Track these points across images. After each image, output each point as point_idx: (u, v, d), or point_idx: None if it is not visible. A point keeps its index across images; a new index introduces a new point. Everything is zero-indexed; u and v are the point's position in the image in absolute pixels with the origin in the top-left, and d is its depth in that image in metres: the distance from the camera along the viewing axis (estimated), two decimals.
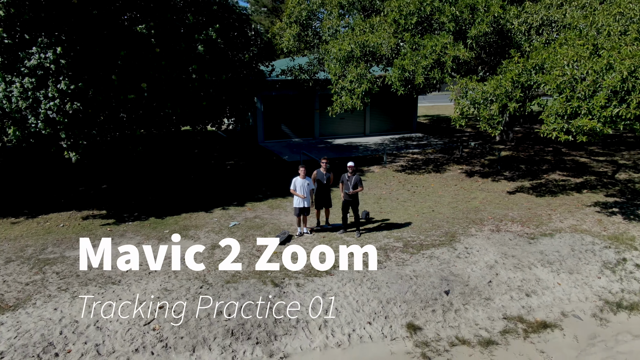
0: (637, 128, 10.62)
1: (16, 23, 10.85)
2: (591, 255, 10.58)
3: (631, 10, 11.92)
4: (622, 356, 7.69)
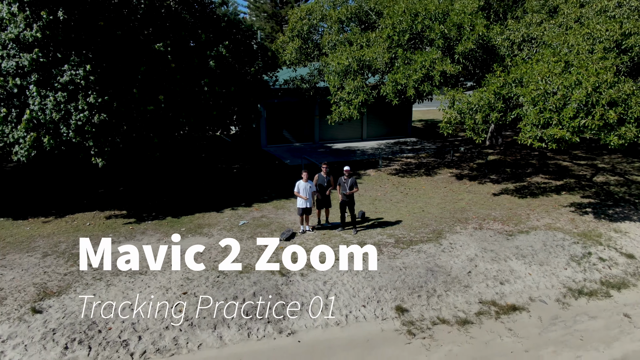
0: (602, 137, 12.02)
1: (50, 44, 12.18)
2: (560, 250, 11.94)
3: (598, 31, 13.29)
4: (578, 333, 9.04)
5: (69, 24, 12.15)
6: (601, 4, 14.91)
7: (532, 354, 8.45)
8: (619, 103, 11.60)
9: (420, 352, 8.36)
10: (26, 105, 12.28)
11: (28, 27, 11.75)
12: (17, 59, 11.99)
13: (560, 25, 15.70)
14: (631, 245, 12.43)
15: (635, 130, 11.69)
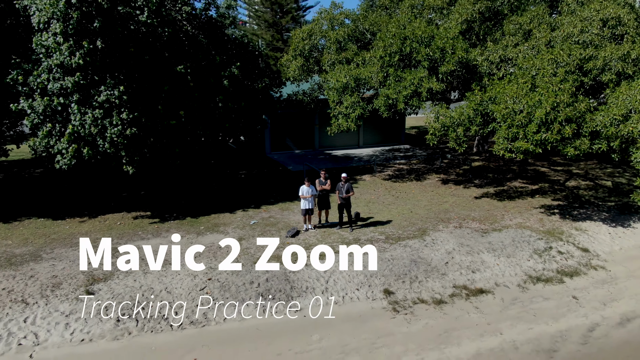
0: (560, 149, 14.07)
1: (89, 68, 14.18)
2: (526, 245, 13.97)
3: (561, 56, 15.34)
4: (532, 311, 11.05)
5: (105, 51, 14.16)
6: (567, 30, 16.97)
7: (493, 326, 10.46)
8: (573, 120, 13.67)
9: (402, 324, 10.35)
10: (68, 121, 14.28)
11: (71, 54, 13.74)
12: (62, 82, 13.97)
13: (532, 47, 17.75)
14: (587, 241, 14.47)
15: (589, 142, 13.76)
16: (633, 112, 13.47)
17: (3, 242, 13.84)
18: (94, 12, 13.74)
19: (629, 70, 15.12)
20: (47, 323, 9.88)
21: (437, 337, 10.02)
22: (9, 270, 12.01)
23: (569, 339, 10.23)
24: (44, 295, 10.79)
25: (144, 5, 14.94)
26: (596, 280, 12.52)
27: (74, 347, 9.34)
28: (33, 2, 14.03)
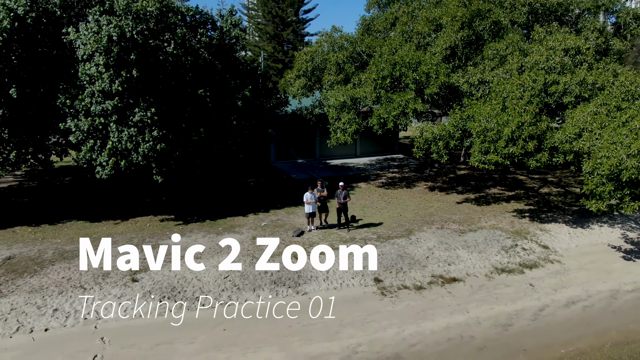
0: (525, 161, 16.63)
1: (125, 93, 16.72)
2: (496, 242, 16.49)
3: (527, 82, 17.91)
4: (495, 295, 13.55)
5: (139, 78, 16.71)
6: (535, 57, 19.54)
7: (461, 306, 12.95)
8: (535, 137, 16.23)
9: (388, 305, 12.85)
10: (108, 138, 16.82)
11: (111, 82, 16.28)
12: (103, 105, 16.50)
13: (506, 72, 20.31)
14: (549, 240, 17.00)
15: (548, 156, 16.32)
16: (584, 130, 16.02)
17: (53, 240, 16.33)
18: (131, 46, 16.32)
19: (585, 94, 17.68)
20: (104, 303, 12.37)
21: (415, 315, 12.51)
22: (63, 263, 14.50)
23: (522, 316, 12.73)
24: (97, 282, 13.29)
25: (171, 39, 17.51)
26: (551, 272, 15.04)
27: (128, 321, 11.83)
28: (78, 38, 16.58)
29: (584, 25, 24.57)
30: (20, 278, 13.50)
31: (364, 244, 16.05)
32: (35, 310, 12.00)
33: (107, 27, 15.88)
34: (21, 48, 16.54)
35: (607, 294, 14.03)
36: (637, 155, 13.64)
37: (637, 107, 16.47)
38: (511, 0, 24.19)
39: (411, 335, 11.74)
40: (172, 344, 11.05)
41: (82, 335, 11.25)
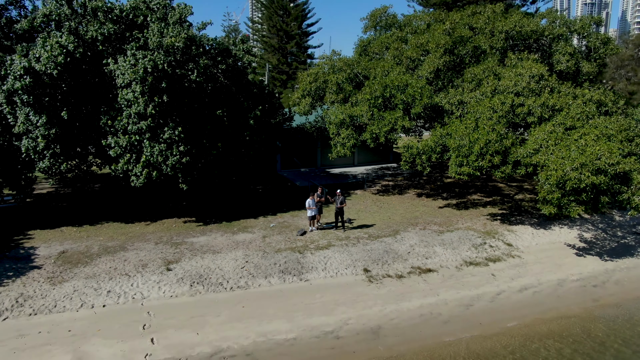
0: (493, 172, 19.69)
1: (156, 114, 19.90)
2: (468, 241, 19.55)
3: (496, 105, 21.00)
4: (462, 282, 16.58)
5: (168, 103, 19.90)
6: (506, 82, 22.62)
7: (433, 291, 16.00)
8: (500, 152, 19.31)
9: (374, 289, 15.92)
10: (142, 152, 19.99)
11: (146, 106, 19.47)
12: (138, 125, 19.69)
13: (482, 94, 23.43)
14: (513, 239, 20.05)
15: (511, 168, 19.39)
16: (542, 147, 19.10)
17: (96, 238, 19.50)
18: (162, 76, 19.53)
19: (546, 115, 20.77)
20: (146, 286, 15.51)
21: (395, 297, 15.57)
22: (108, 256, 17.65)
23: (482, 299, 15.77)
24: (139, 271, 16.43)
25: (194, 68, 20.71)
26: (511, 265, 18.08)
27: (166, 300, 14.96)
28: (117, 68, 19.80)
29: (557, 50, 27.66)
30: (75, 267, 16.66)
31: (357, 241, 19.15)
32: (93, 291, 15.15)
33: (143, 60, 19.11)
34: (70, 77, 19.76)
35: (555, 282, 17.07)
36: (579, 169, 16.73)
37: (588, 127, 19.60)
38: (491, 28, 27.33)
39: (391, 312, 14.81)
40: (203, 317, 14.15)
41: (132, 310, 14.38)
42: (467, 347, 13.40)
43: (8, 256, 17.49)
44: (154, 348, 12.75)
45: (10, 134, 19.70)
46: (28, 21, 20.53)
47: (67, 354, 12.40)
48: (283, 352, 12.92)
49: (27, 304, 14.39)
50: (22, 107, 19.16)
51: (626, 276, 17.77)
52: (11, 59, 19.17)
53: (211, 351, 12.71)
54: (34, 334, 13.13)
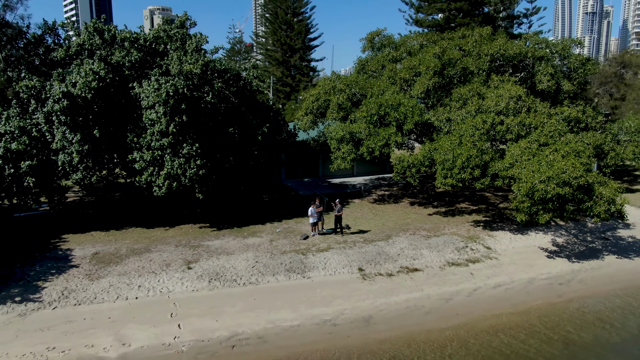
0: (474, 185, 22.22)
1: (176, 133, 22.53)
2: (452, 244, 22.04)
3: (479, 123, 23.55)
4: (444, 280, 19.06)
5: (187, 122, 22.53)
6: (488, 102, 25.17)
7: (418, 287, 18.48)
8: (479, 166, 21.84)
9: (367, 286, 18.41)
10: (163, 165, 22.59)
11: (167, 125, 22.09)
12: (160, 142, 22.31)
13: (467, 112, 26.00)
14: (492, 243, 22.53)
15: (490, 180, 21.91)
16: (517, 161, 21.61)
17: (123, 241, 22.08)
18: (182, 99, 22.19)
19: (522, 132, 23.32)
20: (171, 282, 18.05)
21: (385, 292, 18.06)
22: (136, 257, 20.21)
23: (460, 294, 18.24)
24: (163, 269, 18.99)
25: (209, 91, 23.37)
26: (489, 265, 20.55)
27: (189, 294, 17.49)
28: (142, 92, 22.48)
29: (539, 70, 30.24)
30: (108, 266, 19.23)
31: (353, 245, 21.68)
32: (126, 286, 17.70)
33: (165, 85, 21.79)
34: (101, 100, 22.43)
35: (526, 280, 19.52)
36: (546, 181, 19.24)
37: (560, 143, 22.12)
38: (478, 50, 29.97)
39: (381, 304, 17.29)
40: (221, 307, 16.67)
41: (161, 302, 16.92)
42: (443, 333, 15.86)
43: (49, 256, 20.08)
44: (181, 332, 15.26)
45: (49, 149, 22.35)
46: (64, 50, 23.27)
47: (109, 336, 14.93)
48: (289, 336, 15.41)
49: (71, 296, 16.96)
50: (59, 127, 21.84)
51: (590, 276, 20.21)
52: (50, 84, 21.89)
53: (228, 335, 15.22)
54: (80, 320, 15.67)
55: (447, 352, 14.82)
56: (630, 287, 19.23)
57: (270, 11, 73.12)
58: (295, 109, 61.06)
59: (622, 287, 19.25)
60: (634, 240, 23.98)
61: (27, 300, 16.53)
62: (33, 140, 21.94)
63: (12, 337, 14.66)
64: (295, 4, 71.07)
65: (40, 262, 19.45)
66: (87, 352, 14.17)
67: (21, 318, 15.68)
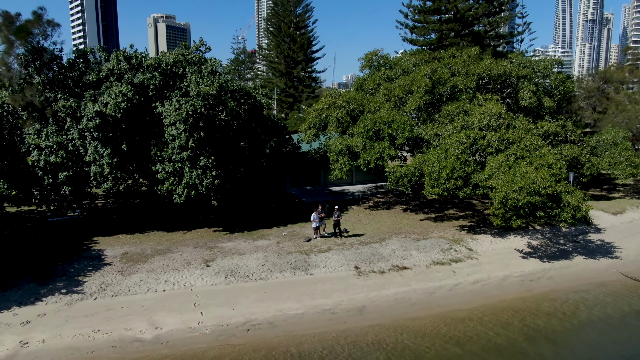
0: (457, 193, 25.08)
1: (195, 147, 25.46)
2: (438, 246, 24.89)
3: (462, 138, 26.43)
4: (429, 277, 21.88)
5: (204, 137, 25.48)
6: (472, 119, 28.07)
7: (406, 283, 21.31)
8: (462, 177, 24.72)
9: (362, 281, 21.26)
10: (182, 176, 25.52)
11: (187, 140, 25.03)
12: (180, 155, 25.25)
13: (454, 128, 28.90)
14: (474, 245, 25.37)
15: (471, 190, 24.76)
16: (495, 173, 24.48)
17: (147, 243, 24.99)
18: (199, 117, 25.16)
19: (501, 147, 26.19)
20: (193, 277, 20.93)
21: (378, 286, 20.90)
22: (160, 256, 23.10)
23: (443, 289, 21.07)
24: (185, 267, 21.87)
25: (223, 109, 26.36)
26: (469, 264, 23.38)
27: (209, 287, 20.36)
28: (164, 111, 25.47)
29: (522, 88, 33.16)
30: (137, 264, 22.12)
31: (350, 246, 24.54)
32: (154, 280, 20.60)
33: (185, 105, 24.78)
34: (129, 118, 25.42)
35: (501, 277, 22.34)
36: (517, 191, 22.09)
37: (535, 156, 24.97)
38: (465, 70, 32.92)
39: (374, 296, 20.14)
40: (236, 298, 19.54)
41: (185, 294, 19.80)
42: (424, 321, 18.68)
43: (84, 256, 23.00)
44: (203, 318, 18.12)
45: (82, 162, 25.32)
46: (95, 74, 26.32)
47: (143, 321, 17.80)
48: (294, 322, 18.26)
49: (108, 288, 19.86)
50: (92, 142, 24.82)
51: (558, 274, 23.02)
52: (85, 104, 24.90)
53: (244, 320, 18.09)
54: (118, 309, 18.56)
55: (426, 334, 17.64)
56: (590, 283, 22.04)
57: (274, 25, 76.37)
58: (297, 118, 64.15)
59: (584, 284, 22.05)
60: (602, 243, 26.79)
61: (71, 292, 19.44)
62: (69, 154, 24.91)
63: (62, 322, 17.54)
64: (298, 17, 74.27)
65: (77, 261, 22.35)
66: (127, 334, 17.04)
67: (68, 306, 18.57)
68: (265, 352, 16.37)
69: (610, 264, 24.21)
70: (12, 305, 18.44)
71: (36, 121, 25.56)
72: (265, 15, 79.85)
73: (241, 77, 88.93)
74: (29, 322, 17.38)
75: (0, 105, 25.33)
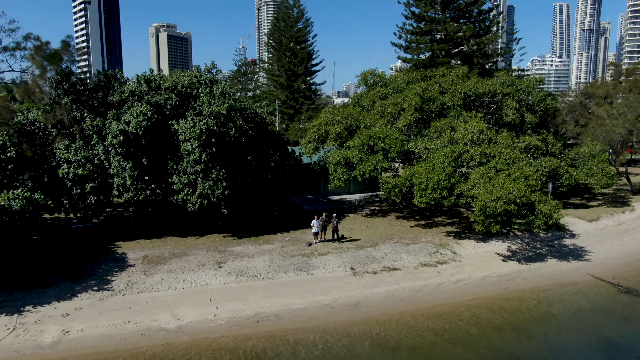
0: (443, 202, 27.91)
1: (207, 161, 28.32)
2: (425, 250, 27.69)
3: (448, 152, 29.30)
4: (417, 277, 24.66)
5: (216, 152, 28.36)
6: (457, 135, 30.94)
7: (396, 282, 24.09)
8: (447, 187, 27.57)
9: (357, 280, 24.04)
10: (196, 186, 28.37)
11: (201, 155, 27.89)
12: (194, 168, 28.09)
13: (441, 142, 31.78)
14: (459, 249, 28.18)
15: (455, 199, 27.61)
16: (476, 184, 27.32)
17: (164, 247, 27.79)
18: (212, 134, 28.06)
19: (483, 160, 29.07)
20: (207, 277, 23.72)
21: (371, 285, 23.68)
22: (177, 259, 25.88)
23: (428, 287, 23.85)
24: (200, 268, 24.66)
25: (233, 127, 29.27)
26: (453, 266, 26.17)
27: (222, 285, 23.15)
28: (180, 128, 28.37)
29: (505, 105, 36.11)
30: (157, 266, 24.90)
31: (347, 250, 27.35)
32: (174, 280, 23.38)
33: (199, 123, 27.70)
34: (148, 134, 28.32)
35: (481, 277, 25.12)
36: (495, 200, 24.93)
37: (514, 169, 27.82)
38: (454, 89, 35.92)
39: (367, 293, 22.92)
40: (246, 295, 22.31)
41: (201, 291, 22.58)
42: (410, 314, 21.45)
43: (109, 258, 25.80)
44: (218, 311, 20.90)
45: (106, 174, 28.19)
46: (118, 95, 29.28)
47: (167, 314, 20.57)
48: (297, 315, 21.03)
49: (134, 286, 22.65)
50: (115, 156, 27.71)
51: (532, 274, 25.80)
52: (109, 123, 27.82)
53: (253, 313, 20.86)
54: (143, 303, 21.34)
55: (409, 325, 20.40)
56: (559, 283, 24.83)
57: (275, 40, 79.60)
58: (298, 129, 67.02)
59: (554, 284, 24.83)
60: (575, 247, 29.61)
61: (102, 289, 22.23)
62: (95, 167, 27.78)
63: (97, 314, 20.32)
64: (299, 32, 77.45)
65: (104, 263, 25.15)
66: (153, 324, 19.82)
67: (100, 302, 21.35)
68: (272, 338, 19.14)
69: (581, 266, 27.01)
70: (52, 300, 21.22)
71: (65, 137, 28.45)
72: (266, 26, 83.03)
73: (243, 88, 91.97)
74: (68, 314, 20.15)
75: (33, 123, 28.27)
